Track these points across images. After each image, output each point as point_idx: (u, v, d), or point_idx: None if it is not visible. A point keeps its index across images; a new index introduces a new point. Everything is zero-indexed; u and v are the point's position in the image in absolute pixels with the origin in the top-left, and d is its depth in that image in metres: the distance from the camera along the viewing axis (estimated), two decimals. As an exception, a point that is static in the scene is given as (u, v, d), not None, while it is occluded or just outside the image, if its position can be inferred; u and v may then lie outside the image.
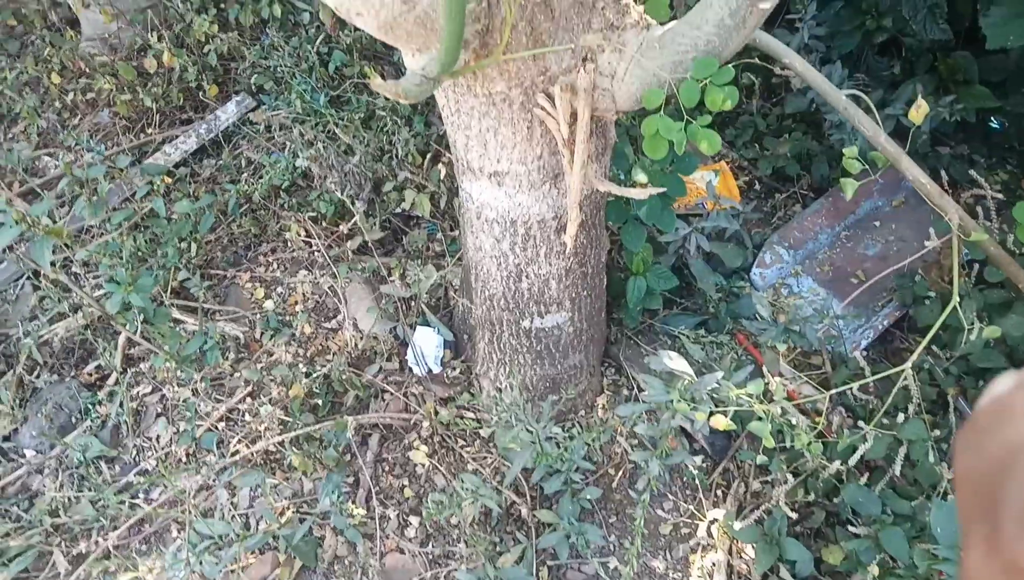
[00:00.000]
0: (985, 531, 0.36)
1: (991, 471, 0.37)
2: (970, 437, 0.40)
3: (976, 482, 0.38)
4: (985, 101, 2.42)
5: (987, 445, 0.38)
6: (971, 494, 0.38)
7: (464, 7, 0.99)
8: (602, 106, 1.39)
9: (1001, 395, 0.40)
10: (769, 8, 1.06)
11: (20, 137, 2.99)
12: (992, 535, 0.35)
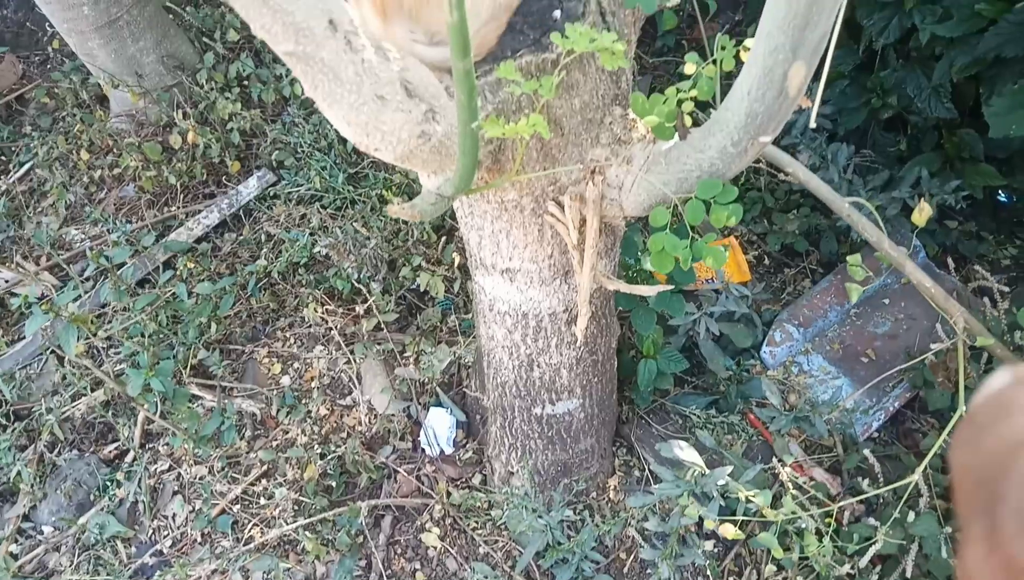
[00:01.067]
0: (984, 528, 0.35)
1: (989, 467, 0.37)
2: (968, 433, 0.40)
3: (974, 478, 0.38)
4: (991, 179, 2.46)
5: (985, 441, 0.38)
6: (969, 490, 0.38)
7: (477, 141, 1.05)
8: (610, 214, 1.43)
9: (998, 391, 0.40)
10: (769, 141, 1.11)
11: (49, 211, 3.09)
12: (991, 532, 0.35)
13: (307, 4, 0.85)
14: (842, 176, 2.41)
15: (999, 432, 0.38)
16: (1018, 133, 1.97)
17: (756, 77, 0.96)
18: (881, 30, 2.49)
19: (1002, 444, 0.37)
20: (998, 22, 2.11)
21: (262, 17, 0.83)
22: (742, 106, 1.03)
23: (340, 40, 0.91)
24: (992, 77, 2.26)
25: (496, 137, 1.25)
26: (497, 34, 1.20)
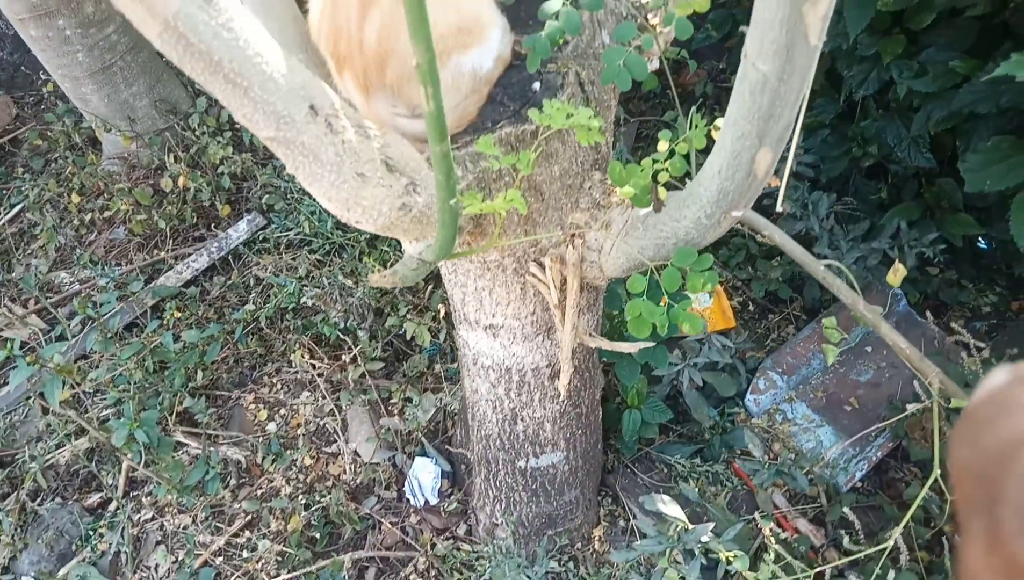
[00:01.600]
0: (984, 526, 0.35)
1: (990, 465, 0.36)
2: (967, 430, 0.40)
3: (974, 476, 0.38)
4: (970, 228, 2.50)
5: (985, 439, 0.38)
6: (969, 489, 0.38)
7: (457, 216, 1.07)
8: (590, 275, 1.46)
9: (998, 388, 0.40)
10: (741, 215, 1.14)
11: (38, 253, 3.10)
12: (992, 530, 0.34)
13: (287, 92, 0.88)
14: (823, 226, 2.44)
15: (998, 430, 0.37)
16: (992, 189, 2.01)
17: (726, 159, 0.99)
18: (860, 82, 2.54)
19: (1002, 442, 0.36)
20: (971, 80, 2.16)
21: (243, 107, 0.85)
22: (714, 184, 1.06)
23: (321, 124, 0.94)
24: (968, 131, 2.32)
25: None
26: (478, 106, 1.23)
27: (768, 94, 0.83)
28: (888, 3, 2.28)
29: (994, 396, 0.40)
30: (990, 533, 0.34)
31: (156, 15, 0.72)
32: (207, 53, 0.77)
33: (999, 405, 0.39)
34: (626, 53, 1.15)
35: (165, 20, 0.72)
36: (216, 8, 0.76)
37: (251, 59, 0.81)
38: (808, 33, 0.75)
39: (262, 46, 0.83)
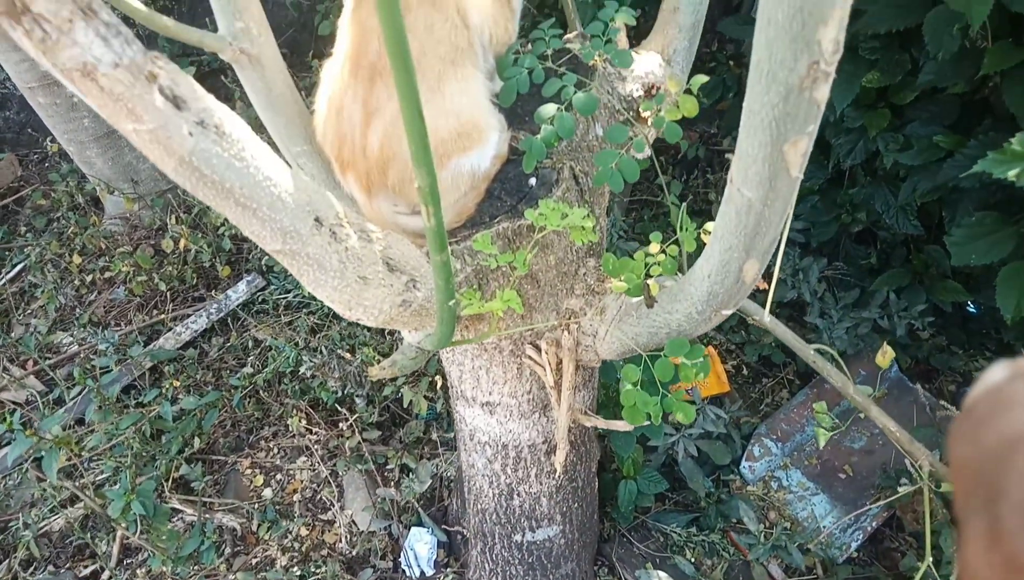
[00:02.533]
0: (984, 524, 0.35)
1: (989, 462, 0.36)
2: (966, 427, 0.39)
3: (974, 473, 0.37)
4: (958, 294, 2.54)
5: (984, 436, 0.37)
6: (969, 486, 0.38)
7: (455, 315, 1.10)
8: (585, 358, 1.49)
9: (996, 385, 0.40)
10: (731, 313, 1.17)
11: (38, 313, 3.12)
12: (992, 528, 0.34)
13: (294, 209, 0.92)
14: (814, 294, 2.48)
15: (998, 427, 0.37)
16: (978, 262, 2.06)
17: (715, 266, 1.03)
18: (848, 152, 2.61)
19: (1001, 439, 0.36)
20: (955, 154, 2.23)
21: (252, 225, 0.89)
22: (704, 285, 1.09)
23: (325, 234, 0.97)
24: (953, 201, 2.38)
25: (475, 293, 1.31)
26: (476, 202, 1.28)
27: (753, 216, 0.87)
28: (872, 80, 2.35)
29: (993, 392, 0.39)
30: (990, 530, 0.34)
31: (172, 153, 0.76)
32: (219, 182, 0.81)
33: (998, 401, 0.39)
34: (618, 156, 1.20)
35: (180, 157, 0.76)
36: (229, 140, 0.80)
37: (261, 183, 0.85)
38: (790, 168, 0.79)
39: (271, 169, 0.87)
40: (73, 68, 0.65)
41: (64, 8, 0.62)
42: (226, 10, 1.19)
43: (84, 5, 0.64)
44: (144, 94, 0.70)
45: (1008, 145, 1.39)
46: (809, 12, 0.63)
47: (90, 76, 0.66)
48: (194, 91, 0.76)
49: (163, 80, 0.72)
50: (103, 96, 0.68)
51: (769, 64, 0.69)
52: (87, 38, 0.65)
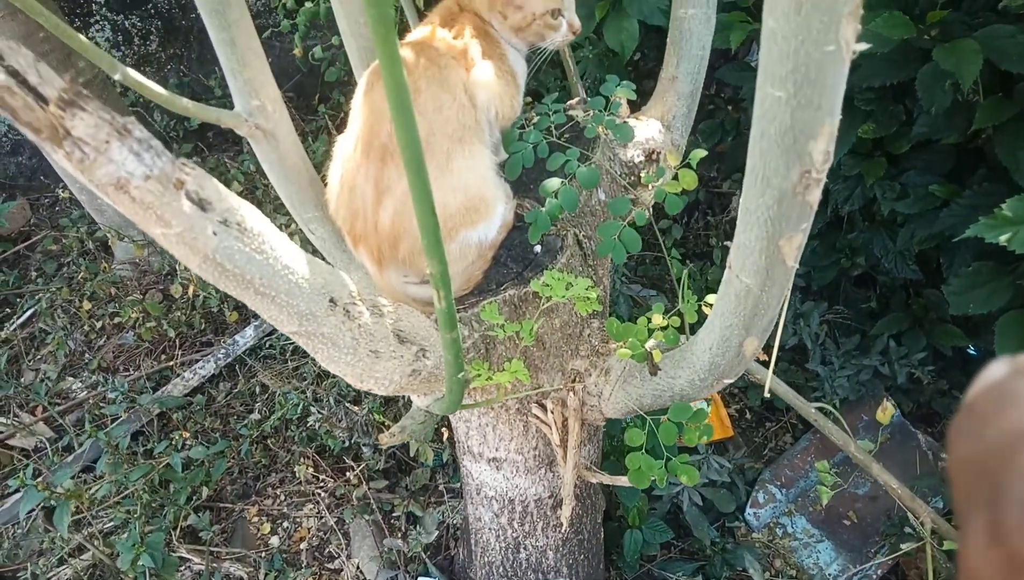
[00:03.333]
0: (986, 521, 0.35)
1: (990, 459, 0.36)
2: (966, 424, 0.39)
3: (975, 470, 0.37)
4: (957, 339, 2.57)
5: (985, 432, 0.37)
6: (969, 483, 0.37)
7: (464, 386, 1.13)
8: (591, 417, 1.51)
9: (997, 381, 0.39)
10: (732, 381, 1.20)
11: (48, 358, 3.15)
12: (994, 525, 0.34)
13: (310, 294, 0.95)
14: (815, 341, 2.51)
15: (999, 424, 0.37)
16: (976, 312, 2.09)
17: (716, 340, 1.06)
18: (846, 198, 2.65)
19: (1002, 436, 0.36)
20: (950, 204, 2.27)
21: (270, 311, 0.93)
22: (705, 357, 1.12)
23: (339, 314, 1.01)
24: (951, 249, 2.41)
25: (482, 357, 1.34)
26: (483, 270, 1.32)
27: (752, 300, 0.90)
28: (868, 130, 2.40)
29: (993, 388, 0.39)
30: (991, 527, 0.34)
31: (197, 252, 0.79)
32: (241, 275, 0.85)
33: (998, 398, 0.38)
34: (620, 227, 1.24)
35: (205, 255, 0.80)
36: (250, 234, 0.85)
37: (279, 273, 0.89)
38: (785, 259, 0.83)
39: (289, 257, 0.91)
40: (108, 183, 0.69)
41: (102, 131, 0.67)
42: (243, 90, 1.24)
43: (120, 126, 0.68)
44: (172, 201, 0.74)
45: (999, 211, 1.43)
46: (800, 129, 0.67)
47: (123, 189, 0.70)
48: (218, 192, 0.80)
49: (190, 185, 0.76)
50: (134, 206, 0.72)
51: (763, 171, 0.73)
52: (121, 156, 0.69)
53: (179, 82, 4.11)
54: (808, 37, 0.59)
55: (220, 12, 1.15)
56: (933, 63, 2.02)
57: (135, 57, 4.10)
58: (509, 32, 1.37)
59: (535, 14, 1.35)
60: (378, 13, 0.61)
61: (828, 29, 0.58)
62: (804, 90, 0.63)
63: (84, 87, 2.08)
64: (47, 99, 0.64)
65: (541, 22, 1.36)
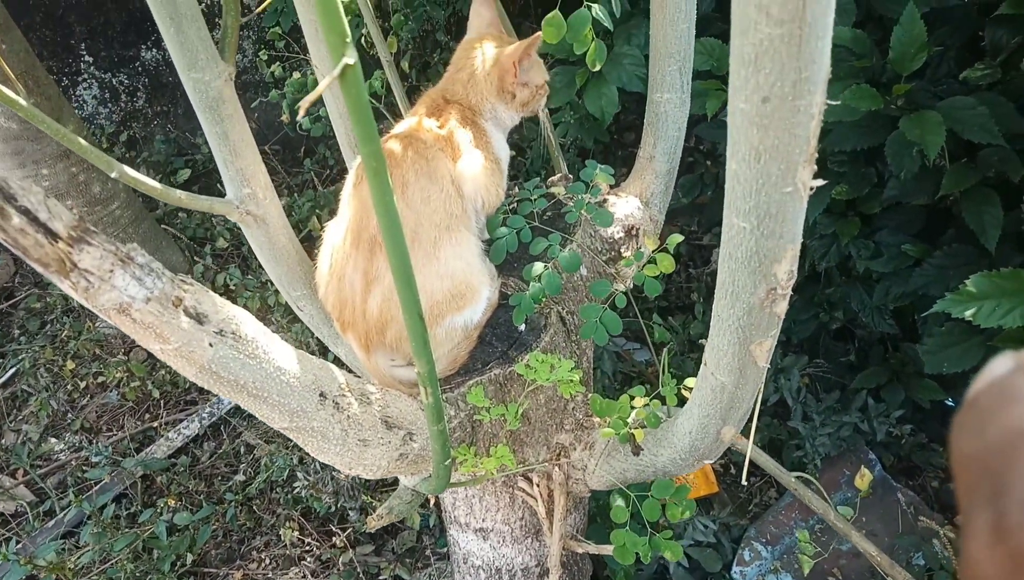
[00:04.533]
0: (989, 518, 0.34)
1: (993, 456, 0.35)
2: (969, 420, 0.39)
3: (977, 467, 0.37)
4: (935, 393, 2.62)
5: (989, 428, 0.37)
6: (972, 480, 0.37)
7: (450, 471, 1.16)
8: (576, 490, 1.54)
9: (1001, 377, 0.39)
10: (712, 461, 1.24)
11: (30, 419, 3.13)
12: (997, 523, 0.34)
13: (300, 390, 0.98)
14: (795, 398, 2.55)
15: (1002, 420, 0.36)
16: (950, 370, 2.14)
17: (695, 426, 1.10)
18: (822, 255, 2.72)
19: (1006, 432, 0.36)
20: (922, 263, 2.34)
21: (262, 410, 0.95)
22: (686, 440, 1.16)
23: (329, 407, 1.04)
24: (925, 307, 2.47)
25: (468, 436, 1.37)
26: (469, 350, 1.35)
27: (727, 396, 0.94)
28: (841, 192, 2.48)
29: (997, 385, 0.39)
30: (994, 525, 0.34)
31: (194, 363, 0.82)
32: (235, 381, 0.87)
33: (1002, 394, 0.38)
34: (602, 310, 1.28)
35: (201, 366, 0.83)
36: (244, 341, 0.88)
37: (271, 375, 0.92)
38: (757, 361, 0.87)
39: (281, 358, 0.94)
40: (111, 308, 0.73)
41: (107, 261, 0.70)
42: (235, 178, 1.28)
43: (123, 255, 0.71)
44: (171, 319, 0.77)
45: (964, 287, 1.49)
46: (764, 254, 0.72)
47: (125, 313, 0.73)
48: (215, 304, 0.84)
49: (188, 301, 0.80)
50: (135, 326, 0.75)
51: (732, 287, 0.77)
52: (124, 282, 0.72)
53: (165, 138, 4.16)
54: (767, 181, 0.64)
55: (214, 108, 1.20)
56: (900, 131, 2.11)
57: (122, 114, 4.15)
58: (514, 110, 1.43)
59: (537, 86, 1.42)
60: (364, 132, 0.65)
61: (785, 174, 0.63)
62: (766, 222, 0.68)
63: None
64: (57, 234, 0.67)
65: (540, 93, 1.44)
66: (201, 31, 1.13)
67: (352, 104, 0.64)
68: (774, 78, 0.56)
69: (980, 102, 2.05)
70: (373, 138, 0.68)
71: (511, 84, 1.40)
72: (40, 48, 3.74)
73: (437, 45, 3.49)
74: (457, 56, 1.41)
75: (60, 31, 3.82)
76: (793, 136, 0.60)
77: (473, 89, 1.38)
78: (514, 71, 1.38)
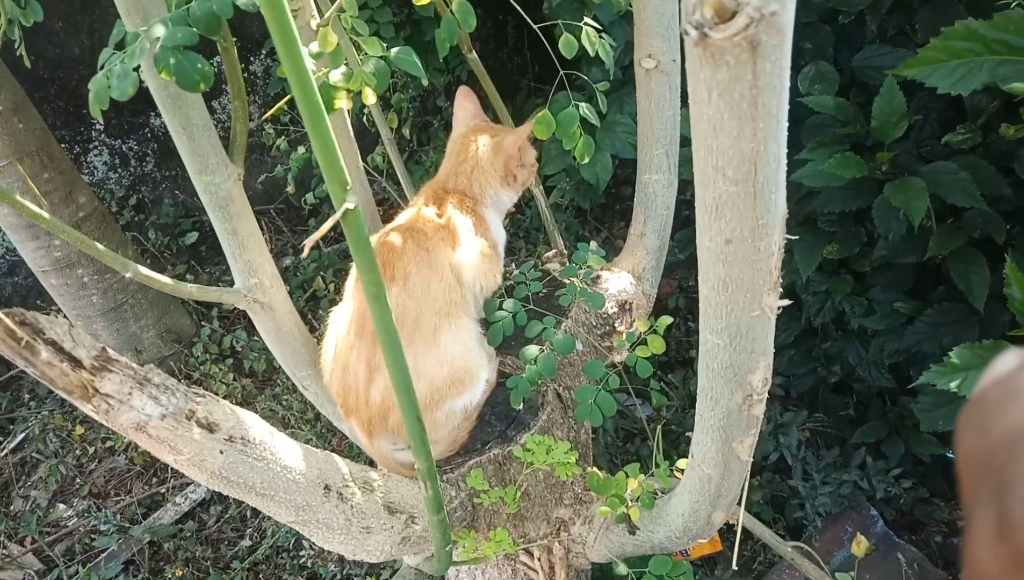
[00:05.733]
0: (992, 517, 0.34)
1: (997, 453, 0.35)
2: (974, 417, 0.38)
3: (982, 465, 0.36)
4: (934, 447, 2.64)
5: (993, 426, 0.36)
6: (976, 477, 0.37)
7: (452, 555, 1.19)
8: (577, 563, 1.56)
9: (1006, 374, 0.38)
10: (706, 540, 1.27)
11: (39, 484, 3.16)
12: (1000, 521, 0.33)
13: (305, 485, 1.02)
14: (795, 456, 2.58)
15: (1006, 418, 0.36)
16: (946, 428, 2.17)
17: (687, 510, 1.13)
18: (817, 311, 2.77)
19: (1009, 430, 0.35)
20: (915, 321, 2.38)
21: (269, 507, 1.00)
22: (679, 521, 1.19)
23: (333, 499, 1.08)
24: (919, 363, 2.51)
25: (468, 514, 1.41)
26: (469, 430, 1.39)
27: (713, 486, 0.99)
28: (832, 251, 2.54)
29: (1002, 382, 0.38)
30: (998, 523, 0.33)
31: (205, 470, 0.87)
32: (244, 483, 0.92)
33: (1007, 391, 0.38)
34: (596, 392, 1.33)
35: (212, 472, 0.88)
36: (253, 445, 0.92)
37: (278, 474, 0.97)
38: (739, 456, 0.91)
39: (287, 457, 0.99)
40: (129, 427, 0.78)
41: (126, 385, 0.75)
42: (243, 270, 1.34)
43: (141, 377, 0.77)
44: (184, 433, 0.82)
45: (948, 358, 1.54)
46: (738, 367, 0.77)
47: (142, 430, 0.79)
48: (225, 413, 0.89)
49: (200, 413, 0.85)
50: (151, 441, 0.80)
51: (712, 393, 0.82)
52: (142, 402, 0.77)
53: (173, 201, 4.26)
54: (736, 306, 0.69)
55: (224, 207, 1.27)
56: (885, 197, 2.17)
57: (131, 178, 4.26)
58: (514, 190, 1.50)
59: (532, 165, 1.50)
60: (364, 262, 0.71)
61: (752, 301, 0.69)
62: (737, 340, 0.73)
63: (84, 220, 2.20)
64: (80, 362, 0.72)
65: (533, 169, 1.51)
66: (212, 138, 1.21)
67: (353, 240, 0.70)
68: (734, 224, 0.62)
69: (962, 167, 2.11)
70: (373, 268, 0.74)
71: (514, 168, 1.47)
72: (54, 118, 3.86)
73: (437, 110, 3.60)
74: (455, 149, 1.49)
75: (73, 101, 3.94)
76: (756, 270, 0.66)
77: (477, 178, 1.45)
78: (518, 157, 1.46)
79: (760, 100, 0.52)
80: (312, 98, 0.60)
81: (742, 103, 0.52)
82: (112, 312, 3.19)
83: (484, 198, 1.46)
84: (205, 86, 0.83)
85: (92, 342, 0.74)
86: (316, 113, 0.60)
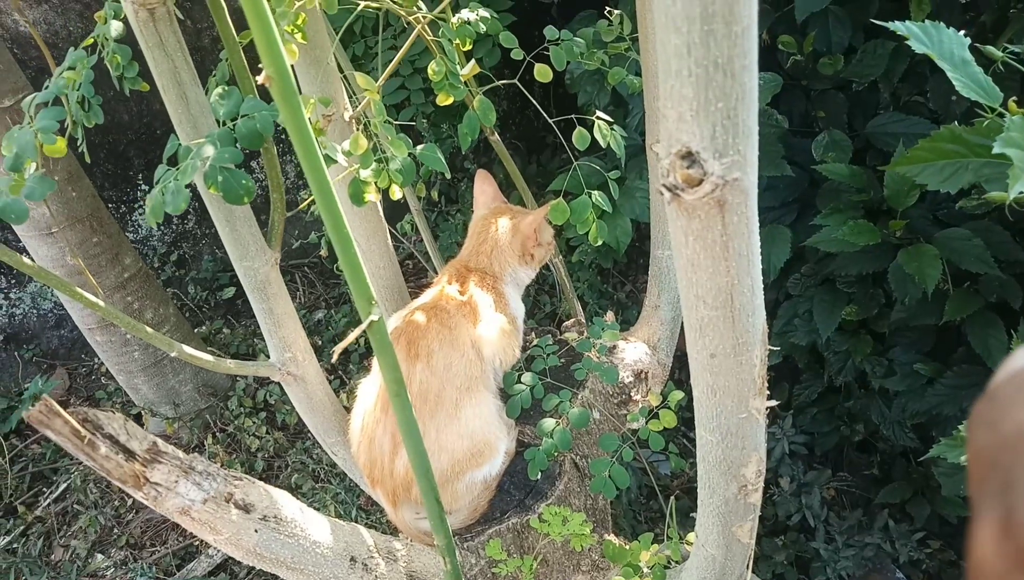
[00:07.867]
0: (999, 513, 0.34)
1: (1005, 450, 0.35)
2: (987, 412, 0.38)
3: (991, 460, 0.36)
4: (959, 509, 2.62)
5: (1003, 422, 0.36)
6: (985, 473, 0.36)
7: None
8: (594, 629, 1.60)
9: (1020, 371, 0.38)
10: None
11: (79, 534, 3.26)
12: (1005, 518, 0.33)
13: (333, 559, 1.09)
14: (818, 518, 2.58)
15: (1016, 415, 0.36)
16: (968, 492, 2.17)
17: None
18: (839, 370, 2.79)
19: (1018, 428, 0.35)
20: (935, 382, 2.39)
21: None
22: (690, 593, 1.24)
23: (359, 570, 1.15)
24: (942, 424, 2.51)
25: (489, 584, 1.46)
26: (488, 499, 1.45)
27: (717, 566, 1.03)
28: (851, 312, 2.57)
29: (1015, 378, 0.38)
30: (1003, 520, 0.33)
31: (241, 548, 0.95)
32: (276, 559, 0.99)
33: (1019, 388, 0.38)
34: (610, 465, 1.38)
35: (248, 550, 0.95)
36: (285, 523, 1.00)
37: (308, 550, 1.04)
38: (740, 539, 0.96)
39: (316, 532, 1.06)
40: (174, 511, 0.86)
41: (173, 474, 0.84)
42: (278, 346, 1.43)
43: (186, 466, 0.85)
44: (224, 514, 0.90)
45: (957, 432, 1.57)
46: (732, 461, 0.83)
47: (186, 514, 0.87)
48: (260, 494, 0.97)
49: (237, 495, 0.93)
50: (193, 523, 0.88)
51: (709, 483, 0.88)
52: (186, 489, 0.86)
53: (212, 257, 4.43)
54: (724, 410, 0.76)
55: (262, 289, 1.37)
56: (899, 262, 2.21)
57: (173, 235, 4.45)
58: (532, 268, 1.59)
59: (548, 243, 1.59)
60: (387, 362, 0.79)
61: (739, 405, 0.75)
62: (729, 438, 0.80)
63: (129, 281, 2.34)
64: (134, 453, 0.81)
65: (550, 248, 1.60)
66: (252, 228, 1.31)
67: (377, 347, 0.79)
68: (717, 341, 0.69)
69: (975, 232, 2.15)
70: (395, 369, 0.82)
71: (532, 247, 1.56)
72: (103, 181, 4.07)
73: (464, 170, 3.73)
74: (476, 230, 1.58)
75: (120, 164, 4.16)
76: (740, 379, 0.72)
77: (497, 258, 1.54)
78: (534, 237, 1.55)
79: (731, 244, 0.59)
80: (343, 232, 0.69)
81: (715, 247, 0.60)
82: (152, 367, 3.32)
83: (504, 276, 1.54)
84: (248, 200, 0.93)
85: (143, 434, 0.83)
86: (347, 245, 0.69)
